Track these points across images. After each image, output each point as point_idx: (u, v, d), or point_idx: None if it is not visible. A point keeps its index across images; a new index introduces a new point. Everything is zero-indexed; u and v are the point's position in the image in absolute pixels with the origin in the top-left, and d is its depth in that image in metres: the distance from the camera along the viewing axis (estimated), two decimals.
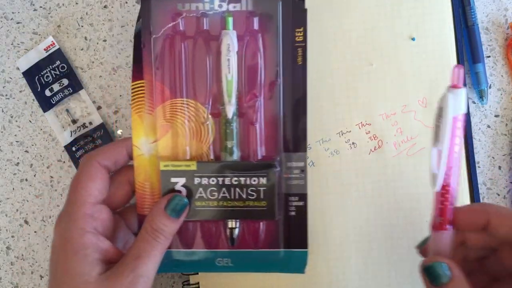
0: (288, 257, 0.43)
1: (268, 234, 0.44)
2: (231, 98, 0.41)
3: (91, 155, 0.41)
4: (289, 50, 0.42)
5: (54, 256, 0.38)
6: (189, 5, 0.42)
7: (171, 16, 0.42)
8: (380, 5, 0.49)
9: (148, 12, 0.41)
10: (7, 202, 0.51)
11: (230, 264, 0.44)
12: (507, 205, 0.51)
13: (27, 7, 0.52)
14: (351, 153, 0.49)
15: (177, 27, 0.42)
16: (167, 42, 0.42)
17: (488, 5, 0.52)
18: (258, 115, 0.43)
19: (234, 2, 0.41)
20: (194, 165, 0.42)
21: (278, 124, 0.43)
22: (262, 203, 0.42)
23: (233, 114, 0.42)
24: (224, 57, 0.41)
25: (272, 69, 0.42)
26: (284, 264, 0.44)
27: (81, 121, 0.51)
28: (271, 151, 0.43)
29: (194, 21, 0.42)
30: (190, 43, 0.42)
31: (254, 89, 0.42)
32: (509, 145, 0.51)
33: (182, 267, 0.44)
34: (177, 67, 0.42)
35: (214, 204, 0.42)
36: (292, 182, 0.43)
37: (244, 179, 0.42)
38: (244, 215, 0.42)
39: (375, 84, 0.49)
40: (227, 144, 0.42)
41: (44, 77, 0.51)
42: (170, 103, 0.42)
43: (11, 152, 0.51)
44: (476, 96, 0.51)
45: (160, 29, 0.42)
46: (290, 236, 0.43)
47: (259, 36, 0.42)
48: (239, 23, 0.42)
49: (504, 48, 0.51)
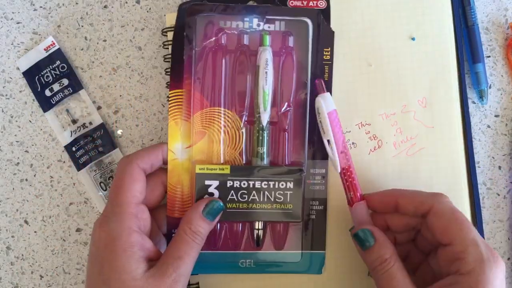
0: (307, 258, 0.47)
1: (289, 236, 0.47)
2: (267, 108, 0.45)
3: (131, 158, 0.43)
4: (317, 67, 0.47)
5: (99, 253, 0.40)
6: (230, 23, 0.46)
7: (214, 31, 0.46)
8: (380, 5, 0.49)
9: (193, 27, 0.46)
10: (7, 202, 0.51)
11: (252, 265, 0.47)
12: (507, 205, 0.51)
13: (27, 7, 0.52)
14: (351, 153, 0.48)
15: (219, 42, 0.46)
16: (208, 55, 0.46)
17: (488, 5, 0.52)
18: (289, 123, 0.47)
19: (270, 23, 0.46)
20: (228, 169, 0.45)
21: (304, 133, 0.47)
22: (289, 205, 0.45)
23: (267, 122, 0.45)
24: (262, 70, 0.45)
25: (302, 83, 0.47)
26: (303, 265, 0.47)
27: (81, 121, 0.51)
28: (298, 158, 0.47)
29: (235, 37, 0.47)
30: (230, 56, 0.47)
31: (287, 100, 0.46)
32: (509, 145, 0.51)
33: (207, 268, 0.47)
34: (217, 78, 0.46)
35: (243, 206, 0.45)
36: (314, 188, 0.47)
37: (273, 182, 0.45)
38: (271, 217, 0.45)
39: (374, 84, 0.49)
40: (258, 150, 0.45)
41: (44, 77, 0.51)
42: (207, 111, 0.46)
43: (11, 152, 0.51)
44: (476, 96, 0.51)
45: (202, 42, 0.46)
46: (309, 238, 0.47)
47: (292, 53, 0.47)
48: (274, 41, 0.46)
49: (504, 48, 0.51)
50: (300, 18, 0.47)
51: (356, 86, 0.49)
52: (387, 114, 0.49)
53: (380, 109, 0.49)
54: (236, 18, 0.46)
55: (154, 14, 0.52)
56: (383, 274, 0.40)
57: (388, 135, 0.49)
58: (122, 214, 0.41)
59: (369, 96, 0.49)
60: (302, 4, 0.47)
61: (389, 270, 0.40)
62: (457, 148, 0.49)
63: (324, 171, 0.47)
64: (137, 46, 0.52)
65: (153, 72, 0.51)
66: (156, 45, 0.51)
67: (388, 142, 0.49)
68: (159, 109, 0.51)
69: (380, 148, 0.49)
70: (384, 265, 0.40)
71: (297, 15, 0.47)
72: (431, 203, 0.41)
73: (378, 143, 0.49)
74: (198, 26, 0.46)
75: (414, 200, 0.42)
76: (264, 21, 0.46)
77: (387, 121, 0.49)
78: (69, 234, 0.51)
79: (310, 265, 0.47)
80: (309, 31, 0.47)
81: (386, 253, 0.40)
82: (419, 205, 0.41)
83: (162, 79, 0.51)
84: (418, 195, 0.42)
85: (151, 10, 0.52)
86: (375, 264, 0.40)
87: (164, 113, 0.51)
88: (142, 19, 0.52)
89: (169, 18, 0.50)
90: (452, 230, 0.39)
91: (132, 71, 0.51)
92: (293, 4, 0.47)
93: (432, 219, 0.40)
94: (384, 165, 0.48)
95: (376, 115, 0.49)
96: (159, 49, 0.51)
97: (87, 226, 0.51)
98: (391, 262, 0.40)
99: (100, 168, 0.50)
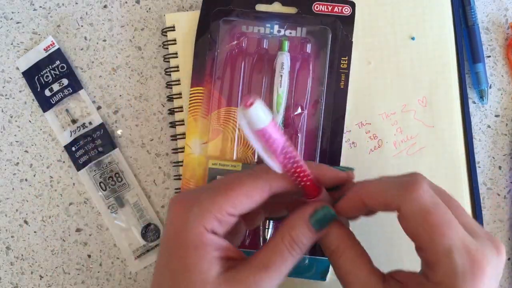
0: (312, 264, 0.47)
1: None
2: (280, 109, 0.46)
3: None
4: (334, 75, 0.48)
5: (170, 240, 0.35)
6: (252, 28, 0.48)
7: (236, 35, 0.48)
8: (380, 5, 0.49)
9: (216, 30, 0.48)
10: (6, 202, 0.51)
11: None
12: (507, 205, 0.51)
13: (27, 7, 0.52)
14: (351, 153, 0.49)
15: (240, 45, 0.48)
16: (229, 57, 0.48)
17: (488, 5, 0.52)
18: (302, 126, 0.48)
19: (291, 29, 0.48)
20: (240, 166, 0.47)
21: (317, 138, 0.48)
22: None
23: (280, 123, 0.47)
24: (278, 73, 0.47)
25: (318, 89, 0.48)
26: (308, 270, 0.47)
27: (80, 121, 0.51)
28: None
29: (256, 41, 0.48)
30: (249, 59, 0.48)
31: (301, 104, 0.48)
32: (510, 145, 0.51)
33: None
34: (236, 79, 0.48)
35: None
36: None
37: None
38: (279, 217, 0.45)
39: (374, 83, 0.49)
40: None
41: (43, 77, 0.51)
42: (224, 110, 0.48)
43: (11, 152, 0.51)
44: (476, 96, 0.51)
45: (225, 45, 0.48)
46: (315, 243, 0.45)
47: (310, 59, 0.48)
48: (293, 47, 0.48)
49: (504, 48, 0.51)
50: (320, 26, 0.48)
51: (356, 85, 0.49)
52: (387, 114, 0.49)
53: (380, 109, 0.49)
54: (258, 24, 0.48)
55: (154, 14, 0.52)
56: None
57: (388, 134, 0.49)
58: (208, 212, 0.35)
59: (369, 96, 0.49)
60: (327, 10, 0.48)
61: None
62: (457, 148, 0.49)
63: None
64: (137, 46, 0.52)
65: (153, 72, 0.51)
66: (156, 45, 0.51)
67: (388, 142, 0.49)
68: (159, 109, 0.51)
69: (380, 147, 0.49)
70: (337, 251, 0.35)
71: (318, 24, 0.48)
72: (398, 204, 0.33)
73: (378, 142, 0.49)
74: (221, 30, 0.48)
75: (379, 201, 0.35)
76: (285, 27, 0.48)
77: (387, 121, 0.49)
78: (68, 234, 0.51)
79: (315, 271, 0.47)
80: (328, 39, 0.48)
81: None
82: (385, 206, 0.35)
83: (162, 79, 0.51)
84: (384, 193, 0.35)
85: (151, 10, 0.52)
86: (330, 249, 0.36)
87: (164, 113, 0.51)
88: (142, 19, 0.52)
89: (169, 18, 0.50)
90: (422, 238, 0.32)
91: (132, 71, 0.51)
92: (318, 9, 0.48)
93: (401, 221, 0.34)
94: (384, 164, 0.48)
95: (376, 114, 0.49)
96: (159, 49, 0.51)
97: (87, 226, 0.51)
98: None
99: (100, 168, 0.50)
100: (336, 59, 0.48)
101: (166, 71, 0.50)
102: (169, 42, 0.50)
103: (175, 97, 0.50)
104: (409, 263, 0.47)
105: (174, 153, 0.50)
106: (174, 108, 0.50)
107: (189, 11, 0.50)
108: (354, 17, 0.48)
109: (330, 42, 0.48)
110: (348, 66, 0.48)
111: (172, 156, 0.51)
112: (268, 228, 0.47)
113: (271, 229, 0.47)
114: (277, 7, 0.48)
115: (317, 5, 0.48)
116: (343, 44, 0.48)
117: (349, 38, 0.48)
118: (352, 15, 0.48)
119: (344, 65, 0.48)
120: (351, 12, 0.48)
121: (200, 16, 0.48)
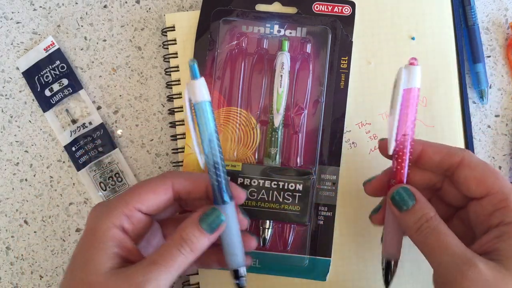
0: (313, 264, 0.47)
1: (296, 239, 0.47)
2: (280, 109, 0.46)
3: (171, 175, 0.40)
4: (334, 75, 0.48)
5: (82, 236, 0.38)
6: (252, 28, 0.48)
7: (236, 35, 0.48)
8: (380, 5, 0.49)
9: (216, 30, 0.48)
10: (7, 202, 0.51)
11: (257, 265, 0.47)
12: None
13: (27, 7, 0.52)
14: (352, 153, 0.49)
15: (240, 45, 0.48)
16: (229, 57, 0.48)
17: (488, 5, 0.52)
18: (301, 126, 0.48)
19: (291, 29, 0.48)
20: (240, 166, 0.46)
21: (317, 138, 0.47)
22: (296, 207, 0.46)
23: (280, 124, 0.46)
24: (278, 73, 0.46)
25: (317, 89, 0.48)
26: (308, 270, 0.47)
27: (80, 121, 0.51)
28: (309, 161, 0.47)
29: (256, 41, 0.48)
30: (249, 59, 0.48)
31: (301, 104, 0.48)
32: (510, 145, 0.51)
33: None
34: (236, 79, 0.48)
35: (252, 204, 0.46)
36: (323, 193, 0.47)
37: (283, 183, 0.46)
38: (278, 217, 0.46)
39: (374, 83, 0.49)
40: (270, 151, 0.46)
41: (44, 77, 0.51)
42: (225, 110, 0.48)
43: (11, 152, 0.51)
44: (476, 96, 0.51)
45: (225, 45, 0.48)
46: (316, 243, 0.47)
47: (310, 59, 0.48)
48: (293, 47, 0.48)
49: (505, 48, 0.51)
50: (321, 26, 0.48)
51: (356, 85, 0.49)
52: (387, 114, 0.49)
53: (380, 109, 0.49)
54: (258, 24, 0.48)
55: (154, 14, 0.52)
56: (430, 232, 0.37)
57: None
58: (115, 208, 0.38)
59: (369, 96, 0.49)
60: (327, 10, 0.48)
61: (437, 226, 0.37)
62: None
63: (335, 178, 0.47)
64: (137, 46, 0.52)
65: (153, 72, 0.51)
66: (155, 45, 0.51)
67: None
68: (159, 109, 0.51)
69: None
70: (430, 222, 0.37)
71: (318, 24, 0.48)
72: (461, 155, 0.39)
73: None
74: (221, 30, 0.48)
75: (441, 150, 0.40)
76: (285, 27, 0.48)
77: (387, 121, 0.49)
78: (68, 234, 0.51)
79: (315, 271, 0.47)
80: (328, 39, 0.48)
81: (431, 210, 0.38)
82: (446, 156, 0.39)
83: (162, 79, 0.51)
84: (446, 146, 0.40)
85: (150, 10, 0.52)
86: (420, 222, 0.37)
87: (164, 113, 0.51)
88: (142, 19, 0.52)
89: (169, 18, 0.50)
90: (489, 180, 0.38)
91: (132, 71, 0.51)
92: (318, 9, 0.48)
93: (464, 171, 0.38)
94: (385, 164, 0.48)
95: (376, 114, 0.49)
96: (158, 49, 0.51)
97: None
98: (437, 219, 0.38)
99: (100, 168, 0.50)
100: (336, 59, 0.48)
101: (166, 71, 0.50)
102: (169, 42, 0.50)
103: (175, 97, 0.50)
104: (409, 263, 0.47)
105: (174, 153, 0.50)
106: (174, 108, 0.50)
107: (189, 11, 0.50)
108: (354, 17, 0.48)
109: (330, 42, 0.48)
110: (348, 66, 0.48)
111: (172, 156, 0.51)
112: (268, 228, 0.46)
113: (271, 229, 0.47)
114: (277, 7, 0.49)
115: (317, 5, 0.48)
116: (343, 44, 0.48)
117: (349, 38, 0.48)
118: (352, 15, 0.48)
119: (344, 65, 0.48)
120: (351, 12, 0.48)
121: (200, 16, 0.48)
